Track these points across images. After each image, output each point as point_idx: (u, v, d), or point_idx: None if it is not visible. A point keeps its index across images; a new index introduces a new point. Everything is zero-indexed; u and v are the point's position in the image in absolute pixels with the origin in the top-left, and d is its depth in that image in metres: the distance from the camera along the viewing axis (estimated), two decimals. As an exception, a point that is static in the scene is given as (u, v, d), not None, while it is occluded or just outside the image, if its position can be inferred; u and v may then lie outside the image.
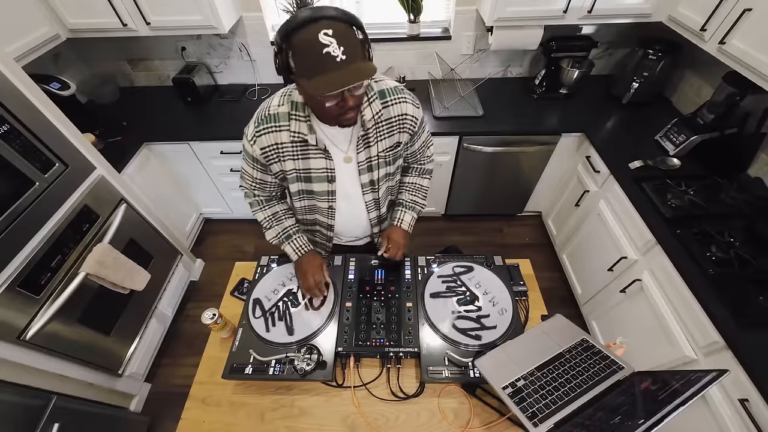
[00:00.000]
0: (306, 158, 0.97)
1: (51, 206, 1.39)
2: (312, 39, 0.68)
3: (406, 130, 1.00)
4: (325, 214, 1.14)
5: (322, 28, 0.68)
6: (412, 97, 0.99)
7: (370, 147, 0.98)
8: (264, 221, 1.16)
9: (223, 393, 1.02)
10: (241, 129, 1.01)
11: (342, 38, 0.69)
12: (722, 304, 1.18)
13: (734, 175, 1.59)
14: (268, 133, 0.94)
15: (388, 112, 0.95)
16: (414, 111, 0.98)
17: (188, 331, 2.15)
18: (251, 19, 2.11)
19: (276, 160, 0.98)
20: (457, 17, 2.09)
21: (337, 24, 0.70)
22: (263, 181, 1.07)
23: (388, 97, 0.95)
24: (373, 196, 1.11)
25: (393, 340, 1.01)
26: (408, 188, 1.22)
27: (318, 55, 0.69)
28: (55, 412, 1.25)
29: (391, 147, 1.01)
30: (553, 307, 1.09)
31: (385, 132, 0.97)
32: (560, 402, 0.81)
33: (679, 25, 1.67)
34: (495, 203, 2.53)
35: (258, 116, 0.96)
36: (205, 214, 2.66)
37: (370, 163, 1.01)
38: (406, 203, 1.21)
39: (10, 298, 1.24)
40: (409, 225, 1.20)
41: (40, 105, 1.35)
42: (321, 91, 0.73)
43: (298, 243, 1.15)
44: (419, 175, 1.22)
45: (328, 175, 1.01)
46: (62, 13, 1.79)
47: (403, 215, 1.19)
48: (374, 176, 1.05)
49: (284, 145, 0.95)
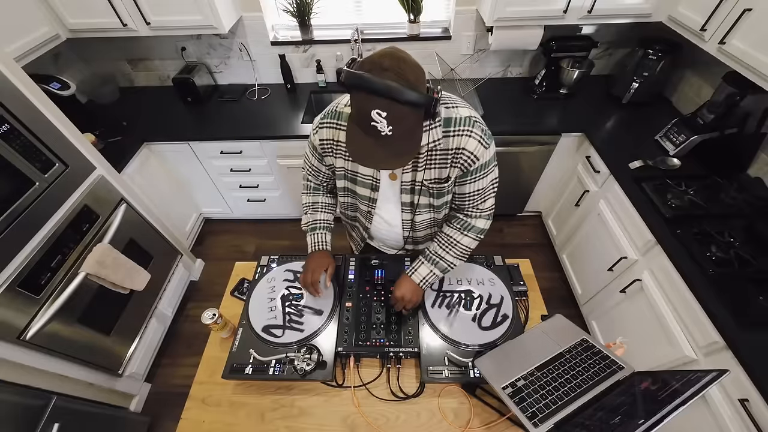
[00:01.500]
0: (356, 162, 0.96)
1: (51, 206, 1.39)
2: (364, 110, 0.68)
3: (458, 166, 0.90)
4: (364, 216, 1.14)
5: (377, 107, 0.66)
6: (481, 134, 0.86)
7: (417, 171, 0.93)
8: (304, 207, 1.19)
9: (223, 393, 1.02)
10: (241, 129, 1.01)
11: (395, 120, 0.68)
12: (722, 304, 1.18)
13: (734, 175, 1.59)
14: (330, 127, 0.95)
15: (446, 143, 0.87)
16: (476, 148, 0.86)
17: (188, 331, 2.15)
18: (251, 19, 2.11)
19: (330, 154, 0.99)
20: (457, 17, 2.09)
21: (396, 107, 0.66)
22: (317, 169, 1.09)
23: (453, 127, 0.86)
24: (410, 216, 1.07)
25: (393, 340, 1.02)
26: (440, 240, 1.05)
27: (365, 121, 0.69)
28: (55, 412, 1.25)
29: (438, 179, 0.93)
30: (553, 307, 1.09)
31: (437, 162, 0.90)
32: (560, 402, 0.81)
33: (679, 25, 1.67)
34: (495, 203, 2.52)
35: (328, 109, 0.97)
36: (205, 214, 2.66)
37: (413, 186, 0.97)
38: (429, 254, 1.05)
39: (10, 298, 1.24)
40: (424, 279, 1.03)
41: (40, 105, 1.35)
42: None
43: (317, 238, 1.15)
44: (460, 230, 1.03)
45: (373, 183, 1.00)
46: (62, 13, 1.79)
47: (420, 266, 1.05)
48: (415, 200, 1.00)
49: (339, 144, 0.95)
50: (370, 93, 0.66)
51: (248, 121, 2.07)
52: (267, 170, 2.23)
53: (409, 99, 0.66)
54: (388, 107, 0.66)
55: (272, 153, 2.10)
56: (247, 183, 2.32)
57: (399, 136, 0.71)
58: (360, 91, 0.68)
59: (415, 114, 0.71)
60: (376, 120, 0.67)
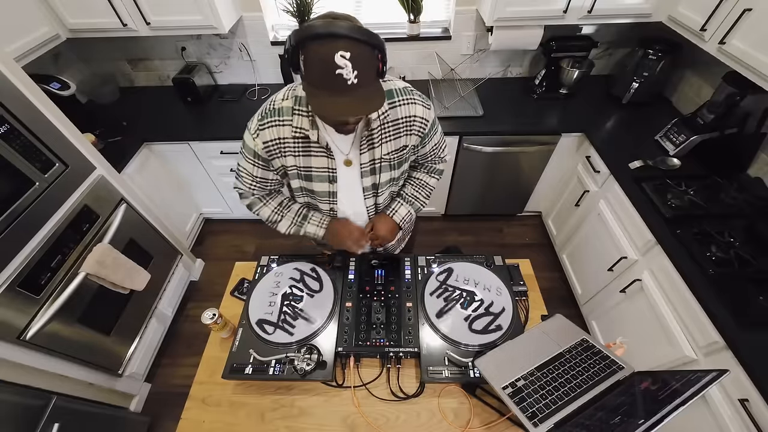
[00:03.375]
0: (307, 155, 0.95)
1: (51, 206, 1.39)
2: (327, 57, 0.66)
3: (414, 133, 0.97)
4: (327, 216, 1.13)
5: (340, 48, 0.65)
6: (422, 99, 0.95)
7: (374, 149, 0.95)
8: (272, 215, 1.12)
9: (223, 393, 1.02)
10: (241, 129, 1.00)
11: (358, 62, 0.67)
12: (722, 304, 1.18)
13: (734, 175, 1.59)
14: (271, 126, 0.91)
15: (395, 113, 0.92)
16: (424, 112, 0.95)
17: (188, 331, 2.15)
18: (251, 19, 2.11)
19: (278, 155, 0.96)
20: (457, 17, 2.09)
21: (357, 46, 0.67)
22: (264, 179, 1.04)
23: (396, 97, 0.92)
24: (374, 200, 1.09)
25: (393, 340, 1.01)
26: (412, 183, 1.17)
27: (329, 73, 0.67)
28: (55, 412, 1.25)
29: (397, 150, 0.98)
30: (553, 307, 1.09)
31: (390, 134, 0.94)
32: (560, 402, 0.81)
33: (679, 25, 1.67)
34: (495, 203, 2.53)
35: (262, 110, 0.94)
36: (205, 214, 2.66)
37: (374, 165, 0.99)
38: (406, 196, 1.16)
39: (10, 298, 1.24)
40: (402, 219, 1.15)
41: (40, 105, 1.35)
42: (320, 113, 0.73)
43: (317, 217, 1.12)
44: (427, 173, 1.18)
45: (330, 175, 0.98)
46: (62, 13, 1.79)
47: (399, 207, 1.15)
48: (377, 179, 1.02)
49: (286, 141, 0.93)
50: (331, 37, 0.66)
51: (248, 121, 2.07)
52: (267, 170, 2.23)
53: (366, 38, 0.68)
54: (351, 46, 0.66)
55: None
56: (247, 183, 2.32)
57: (364, 82, 0.70)
58: (320, 39, 0.66)
59: (373, 58, 0.71)
60: (340, 65, 0.66)
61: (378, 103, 0.74)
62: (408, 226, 1.16)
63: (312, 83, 0.72)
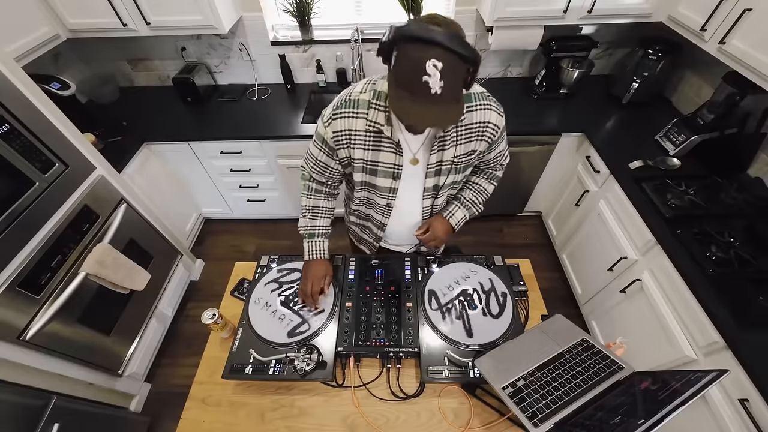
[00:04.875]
0: (377, 150, 0.95)
1: (51, 206, 1.39)
2: (419, 61, 0.66)
3: (485, 139, 0.96)
4: (380, 211, 1.12)
5: (434, 56, 0.65)
6: (497, 105, 0.94)
7: (444, 150, 0.95)
8: (303, 209, 1.15)
9: (223, 393, 1.02)
10: (241, 129, 1.00)
11: (447, 74, 0.66)
12: (722, 304, 1.18)
13: (734, 175, 1.59)
14: (345, 117, 0.92)
15: (470, 117, 0.92)
16: (497, 119, 0.94)
17: (188, 331, 2.15)
18: (251, 19, 2.11)
19: (345, 146, 0.96)
20: (457, 17, 2.09)
21: (451, 57, 0.66)
22: (326, 165, 1.05)
23: (474, 102, 0.91)
24: (431, 202, 1.09)
25: (393, 340, 1.01)
26: (471, 187, 1.17)
27: (417, 78, 0.67)
28: (55, 412, 1.25)
29: (466, 154, 0.97)
30: (553, 307, 1.09)
31: (463, 138, 0.94)
32: (560, 402, 0.81)
33: (679, 25, 1.67)
34: (495, 203, 2.50)
35: (339, 99, 0.94)
36: (205, 214, 2.66)
37: (440, 167, 0.98)
38: (465, 200, 1.16)
39: (10, 298, 1.24)
40: (458, 222, 1.15)
41: (40, 105, 1.35)
42: (397, 114, 0.73)
43: (316, 246, 1.13)
44: (487, 179, 1.18)
45: (395, 171, 0.98)
46: (62, 13, 1.79)
47: (456, 210, 1.15)
48: (440, 181, 1.02)
49: (358, 133, 0.93)
50: (427, 43, 0.65)
51: (248, 121, 2.07)
52: (267, 170, 2.23)
53: (463, 51, 0.66)
54: (445, 57, 0.65)
55: (272, 153, 2.10)
56: (247, 183, 2.32)
57: (447, 95, 0.69)
58: (415, 43, 0.66)
59: (464, 71, 0.70)
60: (429, 73, 0.65)
61: (454, 119, 0.75)
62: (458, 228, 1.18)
63: (397, 80, 0.72)
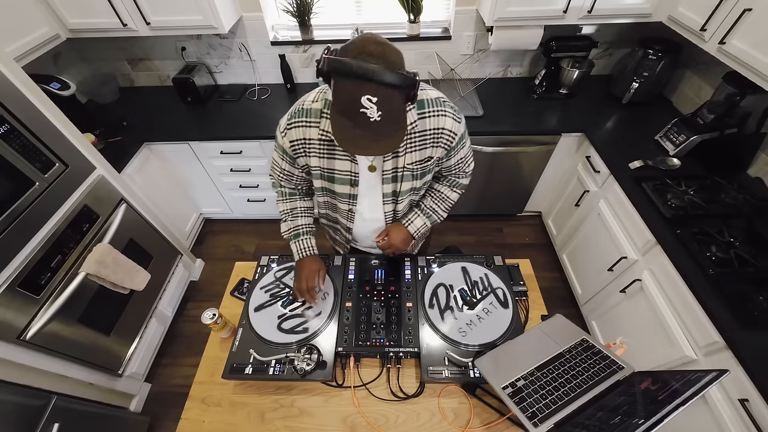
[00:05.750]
0: (332, 158, 0.96)
1: (51, 206, 1.39)
2: (353, 98, 0.67)
3: (442, 145, 0.95)
4: (344, 216, 1.13)
5: (367, 92, 0.66)
6: (453, 111, 0.93)
7: (398, 157, 0.95)
8: (282, 213, 1.16)
9: (223, 393, 1.02)
10: (241, 129, 1.00)
11: (384, 104, 0.67)
12: (722, 304, 1.18)
13: (734, 175, 1.59)
14: (298, 127, 0.93)
15: (423, 124, 0.91)
16: (453, 125, 0.93)
17: (188, 331, 2.15)
18: (251, 19, 2.11)
19: (302, 155, 0.97)
20: (457, 17, 2.09)
21: (385, 90, 0.67)
22: (290, 173, 1.07)
23: (427, 108, 0.90)
24: (392, 207, 1.09)
25: (393, 340, 1.02)
26: (432, 195, 1.16)
27: (354, 110, 0.68)
28: (55, 412, 1.25)
29: (421, 161, 0.97)
30: (553, 307, 1.09)
31: (416, 144, 0.93)
32: (560, 402, 0.81)
33: (679, 25, 1.67)
34: (495, 203, 2.53)
35: (293, 109, 0.96)
36: (205, 214, 2.66)
37: (396, 174, 0.98)
38: (424, 208, 1.15)
39: (10, 298, 1.24)
40: (417, 230, 1.14)
41: (40, 105, 1.35)
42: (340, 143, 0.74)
43: (303, 244, 1.13)
44: (449, 186, 1.16)
45: (352, 178, 0.99)
46: (62, 13, 1.79)
47: (415, 218, 1.14)
48: (398, 188, 1.02)
49: (312, 142, 0.94)
50: (359, 79, 0.66)
51: (248, 121, 2.07)
52: (267, 170, 2.23)
53: (397, 82, 0.67)
54: (378, 92, 0.66)
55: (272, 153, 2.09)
56: (247, 183, 2.32)
57: (387, 120, 0.70)
58: (348, 78, 0.67)
59: (401, 96, 0.71)
60: (366, 106, 0.67)
61: (394, 146, 0.75)
62: (421, 236, 1.17)
63: (337, 108, 0.73)
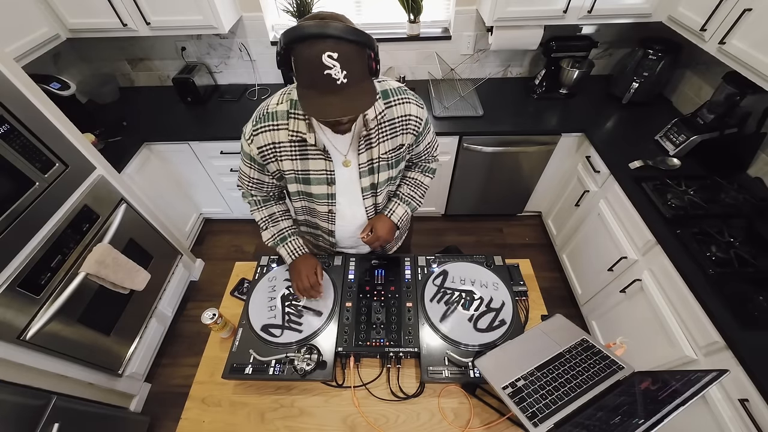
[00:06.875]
0: (305, 159, 0.95)
1: (51, 206, 1.39)
2: (315, 58, 0.66)
3: (410, 131, 0.98)
4: (324, 219, 1.12)
5: (327, 49, 0.65)
6: (415, 98, 0.97)
7: (372, 148, 0.96)
8: (261, 222, 1.14)
9: (223, 393, 1.02)
10: (241, 129, 1.00)
11: (347, 62, 0.67)
12: (722, 304, 1.18)
13: (734, 175, 1.59)
14: (266, 131, 0.92)
15: (391, 113, 0.94)
16: (418, 111, 0.97)
17: (188, 331, 2.15)
18: (251, 19, 2.11)
19: (273, 160, 0.96)
20: (457, 17, 2.09)
21: (344, 45, 0.66)
22: (260, 181, 1.05)
23: (392, 97, 0.93)
24: (373, 200, 1.09)
25: (393, 340, 1.01)
26: (407, 182, 1.18)
27: (318, 73, 0.67)
28: (55, 412, 1.25)
29: (394, 149, 0.99)
30: (553, 307, 1.09)
31: (388, 133, 0.96)
32: (560, 402, 0.81)
33: (679, 25, 1.67)
34: (495, 203, 2.53)
35: (256, 115, 0.94)
36: (205, 214, 2.66)
37: (372, 165, 0.99)
38: (403, 196, 1.17)
39: (10, 298, 1.24)
40: (400, 218, 1.15)
41: (40, 105, 1.35)
42: (309, 113, 0.73)
43: (292, 246, 1.13)
44: (422, 172, 1.19)
45: (328, 177, 0.99)
46: (62, 13, 1.79)
47: (396, 207, 1.15)
48: (375, 179, 1.03)
49: (282, 145, 0.93)
50: (317, 38, 0.65)
51: (248, 121, 2.07)
52: (267, 170, 2.23)
53: (352, 37, 0.67)
54: (338, 46, 0.66)
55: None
56: (247, 183, 2.32)
57: (353, 82, 0.69)
58: (306, 40, 0.66)
59: (363, 57, 0.71)
60: (328, 65, 0.66)
61: (368, 102, 0.74)
62: (405, 225, 1.19)
63: (302, 84, 0.73)
